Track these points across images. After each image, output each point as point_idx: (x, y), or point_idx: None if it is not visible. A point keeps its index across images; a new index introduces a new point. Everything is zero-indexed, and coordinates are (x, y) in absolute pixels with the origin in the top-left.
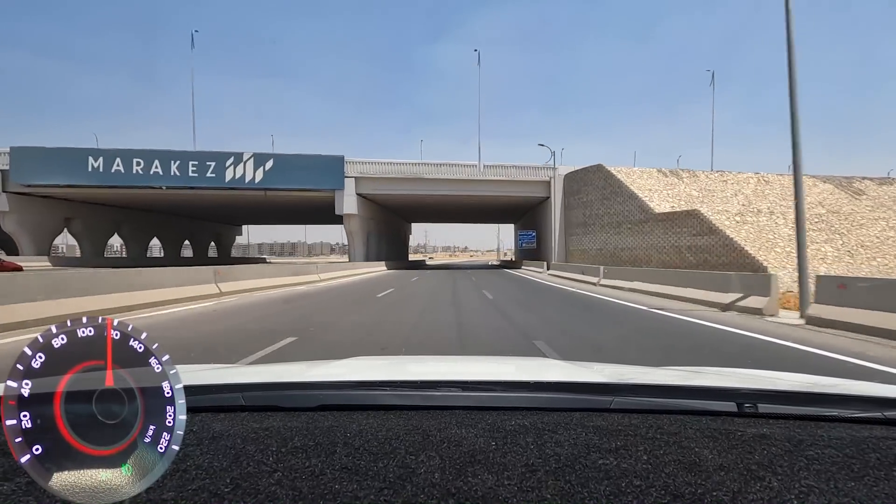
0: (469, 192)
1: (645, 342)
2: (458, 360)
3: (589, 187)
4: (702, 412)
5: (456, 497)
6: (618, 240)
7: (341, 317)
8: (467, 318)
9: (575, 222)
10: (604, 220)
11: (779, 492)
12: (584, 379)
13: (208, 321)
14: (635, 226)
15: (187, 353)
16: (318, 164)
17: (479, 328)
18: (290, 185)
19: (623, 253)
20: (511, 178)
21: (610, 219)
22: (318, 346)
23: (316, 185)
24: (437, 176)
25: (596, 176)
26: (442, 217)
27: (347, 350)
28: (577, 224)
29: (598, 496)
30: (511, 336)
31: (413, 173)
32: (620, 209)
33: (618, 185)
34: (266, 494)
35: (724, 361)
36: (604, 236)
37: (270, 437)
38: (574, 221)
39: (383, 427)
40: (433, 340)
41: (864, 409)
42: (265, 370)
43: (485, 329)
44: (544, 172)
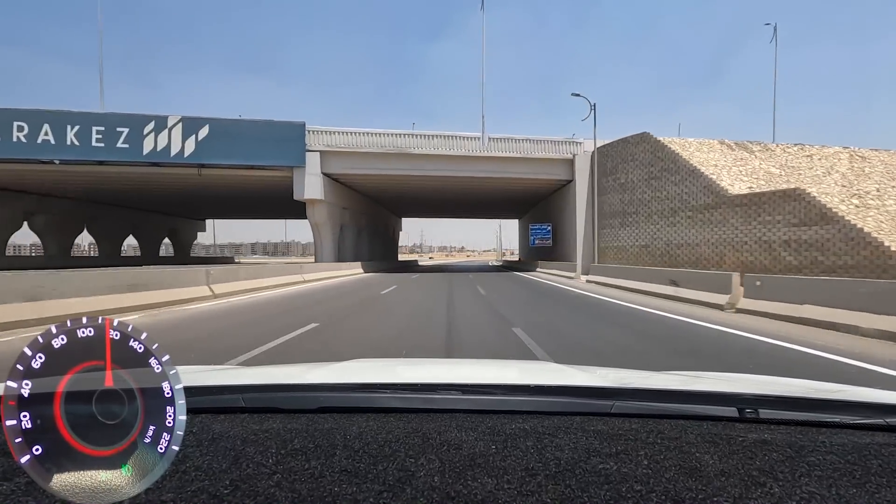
0: (470, 172)
1: None
2: (459, 363)
3: (630, 164)
4: (703, 417)
5: (455, 500)
6: (671, 233)
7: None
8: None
9: (609, 211)
10: (651, 206)
11: (780, 498)
12: (585, 383)
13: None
14: (699, 213)
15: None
16: (270, 134)
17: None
18: (232, 161)
19: (680, 251)
20: (524, 153)
21: (660, 205)
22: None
23: (268, 161)
24: (430, 151)
25: (640, 149)
26: (436, 209)
27: None
28: (613, 213)
29: (599, 501)
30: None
31: (398, 147)
32: (676, 192)
33: (672, 159)
34: (265, 496)
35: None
36: (651, 228)
37: (270, 439)
38: (608, 210)
39: (383, 430)
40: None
41: (867, 416)
42: (265, 372)
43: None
44: (566, 148)
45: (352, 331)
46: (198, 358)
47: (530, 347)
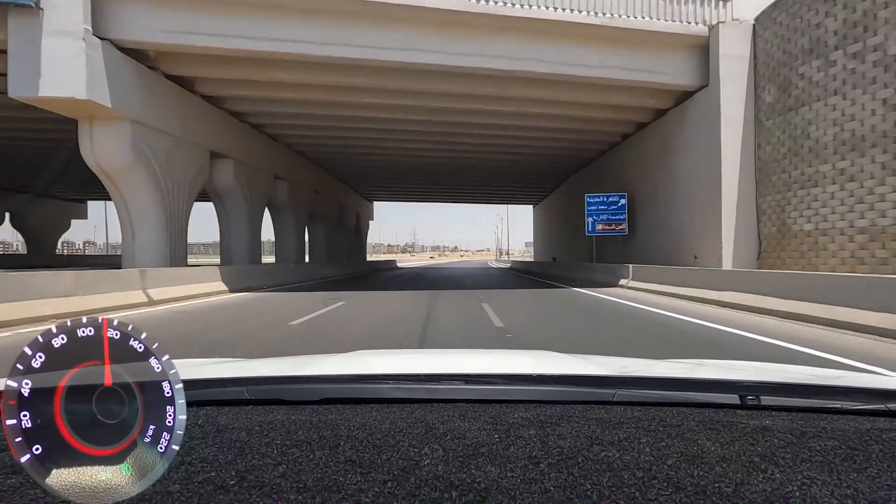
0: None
1: None
2: (461, 353)
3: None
4: (704, 404)
5: (459, 489)
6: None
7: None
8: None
9: (796, 151)
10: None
11: (781, 483)
12: (587, 372)
13: None
14: None
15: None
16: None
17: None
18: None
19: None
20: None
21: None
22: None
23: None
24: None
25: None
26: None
27: None
28: (809, 158)
29: (601, 488)
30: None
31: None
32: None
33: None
34: (271, 487)
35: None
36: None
37: (275, 431)
38: (794, 149)
39: (387, 420)
40: None
41: (868, 401)
42: (269, 364)
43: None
44: (694, 11)
45: None
46: None
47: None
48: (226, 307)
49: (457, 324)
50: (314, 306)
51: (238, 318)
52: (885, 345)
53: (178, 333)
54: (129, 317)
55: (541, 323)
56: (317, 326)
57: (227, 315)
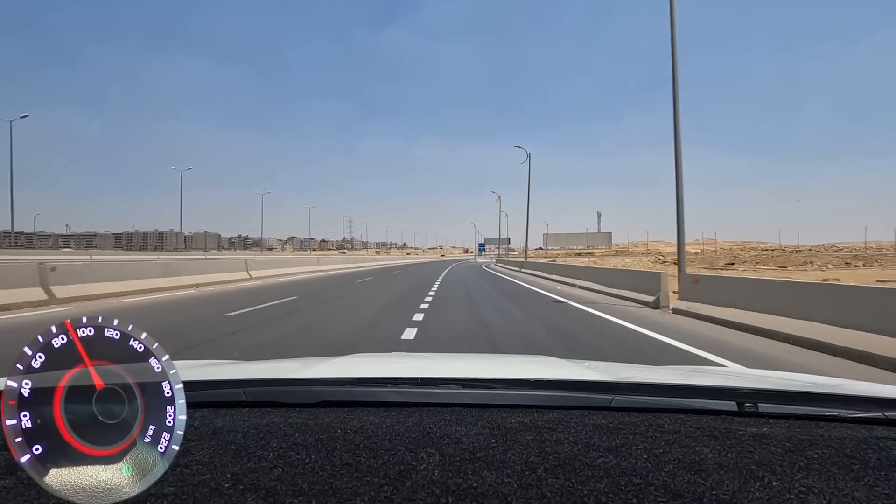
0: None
1: None
2: (459, 357)
3: None
4: (702, 411)
5: (455, 494)
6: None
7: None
8: None
9: None
10: None
11: (778, 491)
12: (585, 377)
13: None
14: None
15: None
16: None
17: None
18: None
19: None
20: None
21: None
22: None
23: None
24: None
25: None
26: None
27: None
28: None
29: (598, 494)
30: None
31: None
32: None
33: None
34: (266, 490)
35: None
36: None
37: (271, 433)
38: None
39: (383, 424)
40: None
41: (865, 410)
42: (266, 366)
43: None
44: None
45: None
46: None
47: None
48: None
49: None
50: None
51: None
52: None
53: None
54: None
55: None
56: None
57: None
